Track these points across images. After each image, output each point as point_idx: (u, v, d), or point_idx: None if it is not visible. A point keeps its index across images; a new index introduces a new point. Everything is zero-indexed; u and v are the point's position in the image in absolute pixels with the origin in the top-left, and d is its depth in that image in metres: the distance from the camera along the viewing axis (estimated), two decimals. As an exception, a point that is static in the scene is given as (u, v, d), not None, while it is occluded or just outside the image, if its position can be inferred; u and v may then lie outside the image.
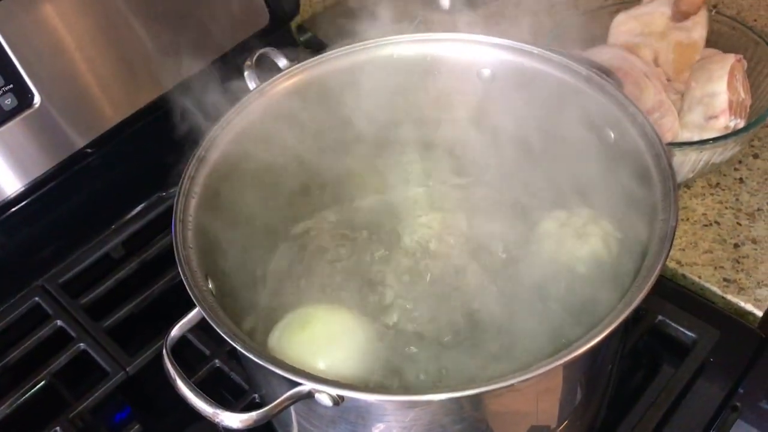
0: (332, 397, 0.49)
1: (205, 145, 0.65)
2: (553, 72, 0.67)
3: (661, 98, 0.82)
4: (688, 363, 0.74)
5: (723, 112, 0.81)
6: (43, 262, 0.89)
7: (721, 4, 1.14)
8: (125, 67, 0.88)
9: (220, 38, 0.94)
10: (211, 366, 0.79)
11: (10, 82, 0.79)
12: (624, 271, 0.56)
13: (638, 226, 0.58)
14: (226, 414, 0.51)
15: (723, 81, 0.80)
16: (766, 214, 0.88)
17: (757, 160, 0.93)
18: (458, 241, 0.66)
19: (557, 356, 0.48)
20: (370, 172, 0.69)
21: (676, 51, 0.86)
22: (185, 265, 0.56)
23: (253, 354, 0.51)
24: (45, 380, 0.81)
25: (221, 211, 0.65)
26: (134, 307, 0.85)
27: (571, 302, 0.59)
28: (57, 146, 0.85)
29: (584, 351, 0.48)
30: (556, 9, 1.16)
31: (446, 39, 0.69)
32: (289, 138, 0.69)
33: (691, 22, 0.85)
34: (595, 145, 0.65)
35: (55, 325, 0.84)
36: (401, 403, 0.50)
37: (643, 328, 0.77)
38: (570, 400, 0.61)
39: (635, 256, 0.55)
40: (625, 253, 0.59)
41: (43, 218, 0.89)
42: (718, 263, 0.84)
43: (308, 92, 0.70)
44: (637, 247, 0.56)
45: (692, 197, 0.90)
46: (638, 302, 0.50)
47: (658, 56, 0.87)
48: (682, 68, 0.86)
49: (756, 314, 0.81)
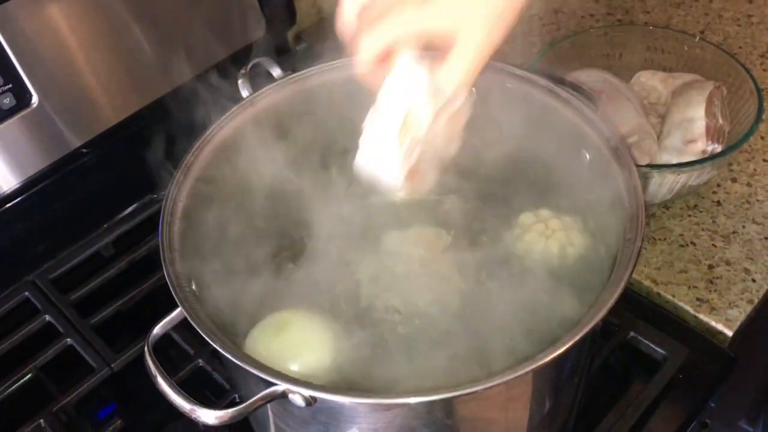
0: (305, 397, 0.52)
1: (195, 152, 0.67)
2: (534, 92, 0.69)
3: (641, 121, 0.84)
4: (657, 379, 0.76)
5: (701, 137, 0.84)
6: (34, 258, 0.91)
7: (707, 30, 1.17)
8: (123, 71, 0.90)
9: (217, 46, 0.96)
10: (195, 365, 0.81)
11: (9, 82, 0.81)
12: (595, 283, 0.58)
13: (609, 243, 0.60)
14: (202, 410, 0.53)
15: (701, 107, 0.83)
16: (741, 236, 0.90)
17: (735, 184, 0.96)
18: (434, 248, 0.68)
19: (522, 365, 0.50)
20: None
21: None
22: (170, 267, 0.58)
23: (231, 354, 0.53)
24: (31, 374, 0.83)
25: (208, 217, 0.67)
26: (121, 305, 0.87)
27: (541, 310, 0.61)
28: (53, 145, 0.87)
29: (549, 361, 0.50)
30: (547, 29, 1.20)
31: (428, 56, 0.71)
32: (276, 148, 0.71)
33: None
34: (572, 165, 0.68)
35: (44, 320, 0.86)
36: (371, 406, 0.52)
37: (615, 343, 0.79)
38: (538, 411, 0.64)
39: (605, 271, 0.57)
40: (597, 264, 0.62)
41: (37, 215, 0.91)
42: (692, 283, 0.86)
43: (298, 104, 0.73)
44: (608, 263, 0.58)
45: (670, 218, 0.93)
46: (597, 320, 0.52)
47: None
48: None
49: (726, 334, 0.83)
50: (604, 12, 1.23)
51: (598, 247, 0.64)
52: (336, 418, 0.55)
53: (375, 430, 0.55)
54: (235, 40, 0.98)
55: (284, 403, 0.56)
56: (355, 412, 0.54)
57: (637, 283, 0.87)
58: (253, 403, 0.52)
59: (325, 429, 0.57)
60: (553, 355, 0.50)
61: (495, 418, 0.59)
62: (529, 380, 0.56)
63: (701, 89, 0.85)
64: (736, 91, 0.93)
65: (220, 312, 0.64)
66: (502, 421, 0.61)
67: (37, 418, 0.78)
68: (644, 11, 1.21)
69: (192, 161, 0.66)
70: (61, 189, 0.91)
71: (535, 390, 0.58)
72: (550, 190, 0.69)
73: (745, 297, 0.85)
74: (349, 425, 0.55)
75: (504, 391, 0.55)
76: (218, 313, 0.63)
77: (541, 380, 0.58)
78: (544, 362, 0.50)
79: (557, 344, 0.50)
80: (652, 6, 1.22)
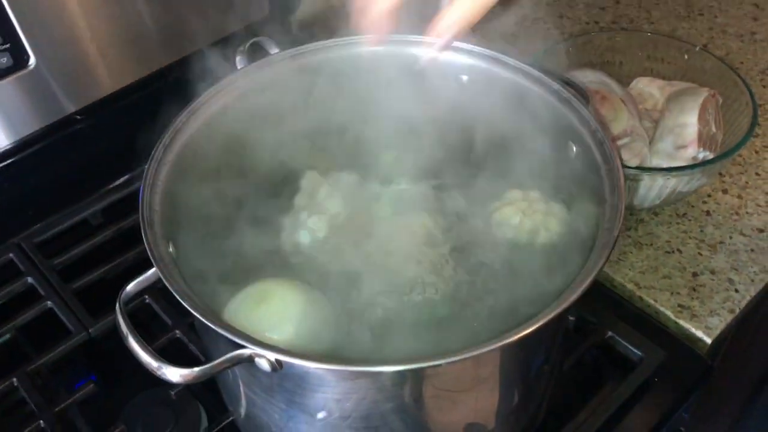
0: (271, 362, 0.52)
1: (183, 118, 0.67)
2: (525, 83, 0.69)
3: (634, 124, 0.85)
4: (631, 379, 0.76)
5: (692, 143, 0.84)
6: (21, 220, 0.92)
7: (711, 44, 1.17)
8: (123, 40, 0.90)
9: (219, 23, 0.96)
10: (172, 336, 0.81)
11: (7, 41, 0.81)
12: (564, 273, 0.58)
13: (585, 237, 0.61)
14: (168, 368, 0.53)
15: (695, 113, 0.83)
16: (727, 247, 0.90)
17: (725, 196, 0.96)
18: (420, 230, 0.69)
19: (487, 343, 0.50)
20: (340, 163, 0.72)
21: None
22: (147, 227, 0.58)
23: (200, 313, 0.53)
24: (9, 334, 0.83)
25: (192, 183, 0.67)
26: (105, 272, 0.87)
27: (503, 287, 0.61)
28: (48, 109, 0.87)
29: (514, 341, 0.50)
30: (551, 32, 1.20)
31: (425, 42, 0.72)
32: (265, 120, 0.71)
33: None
34: (559, 157, 0.68)
35: (26, 282, 0.86)
36: (336, 373, 0.52)
37: (592, 342, 0.79)
38: (507, 398, 0.64)
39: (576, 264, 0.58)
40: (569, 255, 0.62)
41: (27, 178, 0.91)
42: (675, 289, 0.86)
43: (290, 79, 0.73)
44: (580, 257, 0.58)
45: (658, 224, 0.93)
46: (567, 305, 0.52)
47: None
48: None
49: (705, 341, 0.83)
50: (610, 20, 1.23)
51: (574, 238, 0.64)
52: (301, 386, 0.55)
53: (338, 400, 0.55)
54: (238, 19, 0.99)
55: (252, 370, 0.56)
56: (320, 380, 0.54)
57: (620, 286, 0.88)
58: (219, 365, 0.52)
59: (290, 397, 0.57)
60: (518, 336, 0.50)
61: (462, 399, 0.59)
62: (496, 361, 0.56)
63: (696, 95, 0.85)
64: (732, 104, 0.93)
65: (199, 280, 0.64)
66: (471, 403, 0.61)
67: (11, 377, 0.78)
68: (649, 22, 1.22)
69: (180, 126, 0.67)
70: (54, 154, 0.91)
71: (503, 373, 0.58)
72: (536, 174, 0.69)
73: (726, 306, 0.85)
74: (313, 393, 0.55)
75: (470, 369, 0.55)
76: (197, 280, 0.63)
77: (508, 363, 0.58)
78: (508, 342, 0.50)
79: (522, 326, 0.50)
80: (658, 17, 1.23)
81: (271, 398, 0.59)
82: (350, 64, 0.75)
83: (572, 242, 0.62)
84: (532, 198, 0.68)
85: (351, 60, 0.75)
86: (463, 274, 0.65)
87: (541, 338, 0.59)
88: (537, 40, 1.19)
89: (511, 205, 0.68)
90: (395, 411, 0.57)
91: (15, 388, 0.78)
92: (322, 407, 0.56)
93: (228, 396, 0.69)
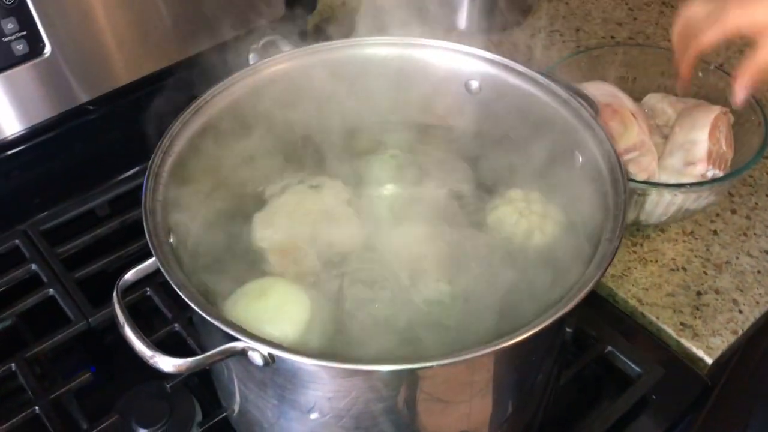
0: (263, 356, 0.52)
1: (192, 110, 0.68)
2: (534, 91, 0.69)
3: (643, 138, 0.84)
4: (628, 394, 0.76)
5: (701, 160, 0.83)
6: (29, 208, 0.92)
7: (726, 63, 1.16)
8: (139, 33, 0.91)
9: (235, 21, 0.97)
10: (170, 329, 0.81)
11: (24, 29, 0.82)
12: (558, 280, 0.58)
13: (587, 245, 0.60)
14: (162, 358, 0.53)
15: (705, 130, 0.83)
16: (733, 267, 0.90)
17: (734, 216, 0.95)
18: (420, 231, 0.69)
19: (483, 346, 0.50)
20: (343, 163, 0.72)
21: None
22: (149, 216, 0.59)
23: (196, 304, 0.53)
24: (10, 320, 0.83)
25: (197, 175, 0.67)
26: (108, 263, 0.88)
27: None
28: (61, 97, 0.88)
29: (511, 345, 0.50)
30: (567, 46, 1.20)
31: (438, 46, 0.72)
32: (275, 116, 0.71)
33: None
34: (565, 165, 0.68)
35: (29, 269, 0.87)
36: (327, 370, 0.52)
37: (591, 356, 0.78)
38: (501, 410, 0.63)
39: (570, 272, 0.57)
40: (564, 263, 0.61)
41: (37, 165, 0.92)
42: (678, 307, 0.86)
43: (298, 77, 0.73)
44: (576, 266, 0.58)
45: (665, 241, 0.92)
46: (563, 313, 0.51)
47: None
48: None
49: (706, 361, 0.82)
50: (626, 35, 1.23)
51: (576, 248, 0.63)
52: (293, 381, 0.55)
53: (329, 399, 0.55)
54: (254, 18, 0.99)
55: (246, 365, 0.56)
56: (311, 377, 0.54)
57: (623, 302, 0.87)
58: (212, 356, 0.52)
59: (282, 393, 0.56)
60: (512, 341, 0.50)
61: (455, 404, 0.59)
62: (490, 366, 0.55)
63: (707, 112, 0.84)
64: (744, 124, 0.92)
65: (197, 271, 0.64)
66: (463, 410, 0.60)
67: (10, 362, 0.78)
68: (665, 39, 1.21)
69: (188, 119, 0.67)
70: (64, 142, 0.92)
71: (497, 380, 0.58)
72: (540, 182, 0.69)
73: (729, 327, 0.84)
74: (305, 390, 0.55)
75: (464, 373, 0.55)
76: (195, 272, 0.63)
77: (502, 369, 0.57)
78: (502, 347, 0.49)
79: (518, 332, 0.50)
80: (674, 35, 1.22)
81: (264, 393, 0.58)
82: (361, 64, 0.75)
83: (574, 253, 0.62)
84: (531, 199, 0.69)
85: (362, 60, 0.75)
86: (464, 281, 0.64)
87: (537, 346, 0.58)
88: (552, 51, 1.20)
89: (509, 205, 0.68)
90: (387, 413, 0.56)
91: (13, 374, 0.78)
92: (313, 405, 0.56)
93: (222, 391, 0.69)
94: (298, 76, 0.73)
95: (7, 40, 0.81)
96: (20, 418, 0.73)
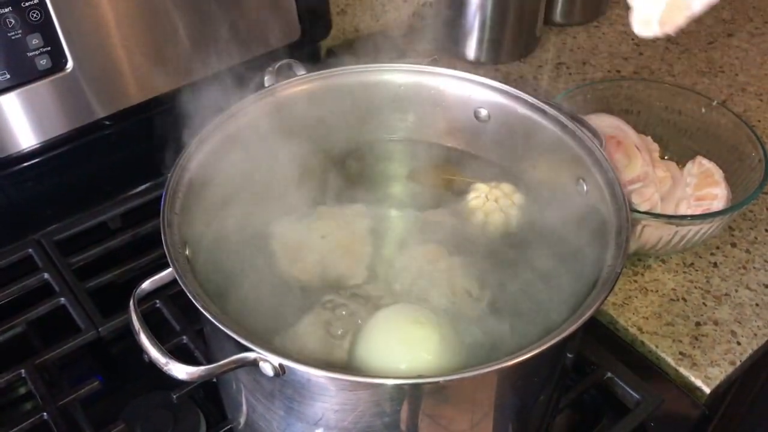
0: (274, 367, 0.53)
1: (209, 129, 0.70)
2: (541, 121, 0.72)
3: (647, 170, 0.86)
4: (626, 422, 0.77)
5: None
6: (43, 218, 0.94)
7: (729, 101, 1.19)
8: (156, 52, 0.93)
9: (250, 43, 1.00)
10: (179, 341, 0.83)
11: (48, 44, 0.84)
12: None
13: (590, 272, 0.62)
14: (176, 365, 0.55)
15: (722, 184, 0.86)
16: (732, 299, 0.91)
17: (734, 249, 0.97)
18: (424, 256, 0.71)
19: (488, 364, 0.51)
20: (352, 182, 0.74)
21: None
22: (167, 227, 0.60)
23: (211, 314, 0.55)
24: (20, 327, 0.85)
25: (212, 192, 0.69)
26: (119, 275, 0.90)
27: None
28: (78, 112, 0.90)
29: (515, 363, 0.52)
30: (573, 78, 1.22)
31: (450, 75, 0.75)
32: (290, 137, 0.74)
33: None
34: (570, 193, 0.70)
35: (42, 278, 0.88)
36: (336, 383, 0.54)
37: (590, 382, 0.80)
38: (502, 425, 0.64)
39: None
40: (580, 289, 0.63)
41: (51, 178, 0.94)
42: (677, 337, 0.87)
43: (319, 99, 0.76)
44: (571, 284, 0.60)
45: (665, 272, 0.94)
46: (566, 335, 0.53)
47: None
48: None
49: (704, 390, 0.83)
50: (631, 70, 1.25)
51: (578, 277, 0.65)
52: (301, 393, 0.56)
53: (336, 411, 0.56)
54: (269, 42, 1.02)
55: (255, 376, 0.58)
56: (319, 389, 0.55)
57: (624, 330, 0.88)
58: (224, 365, 0.54)
59: (289, 404, 0.58)
60: (515, 360, 0.51)
61: (457, 422, 0.60)
62: (493, 384, 0.57)
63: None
64: (745, 159, 0.95)
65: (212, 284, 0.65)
66: (465, 427, 0.61)
67: (19, 368, 0.79)
68: (670, 74, 1.24)
69: (206, 136, 0.69)
70: (79, 156, 0.94)
71: (498, 399, 0.59)
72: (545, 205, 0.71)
73: (728, 358, 0.85)
74: (312, 402, 0.56)
75: (468, 390, 0.56)
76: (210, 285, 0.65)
77: (504, 388, 0.59)
78: (506, 365, 0.51)
79: (520, 351, 0.52)
80: (679, 71, 1.25)
81: (272, 405, 0.60)
82: (373, 89, 0.77)
83: (576, 281, 0.63)
84: (500, 187, 0.72)
85: (374, 86, 0.77)
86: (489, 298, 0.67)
87: (540, 367, 0.60)
88: (559, 83, 1.22)
89: (478, 191, 0.72)
90: (391, 428, 0.58)
91: (23, 380, 0.79)
92: (320, 417, 0.57)
93: (228, 402, 0.71)
94: (314, 98, 0.75)
95: (31, 54, 0.84)
96: (28, 424, 0.75)
